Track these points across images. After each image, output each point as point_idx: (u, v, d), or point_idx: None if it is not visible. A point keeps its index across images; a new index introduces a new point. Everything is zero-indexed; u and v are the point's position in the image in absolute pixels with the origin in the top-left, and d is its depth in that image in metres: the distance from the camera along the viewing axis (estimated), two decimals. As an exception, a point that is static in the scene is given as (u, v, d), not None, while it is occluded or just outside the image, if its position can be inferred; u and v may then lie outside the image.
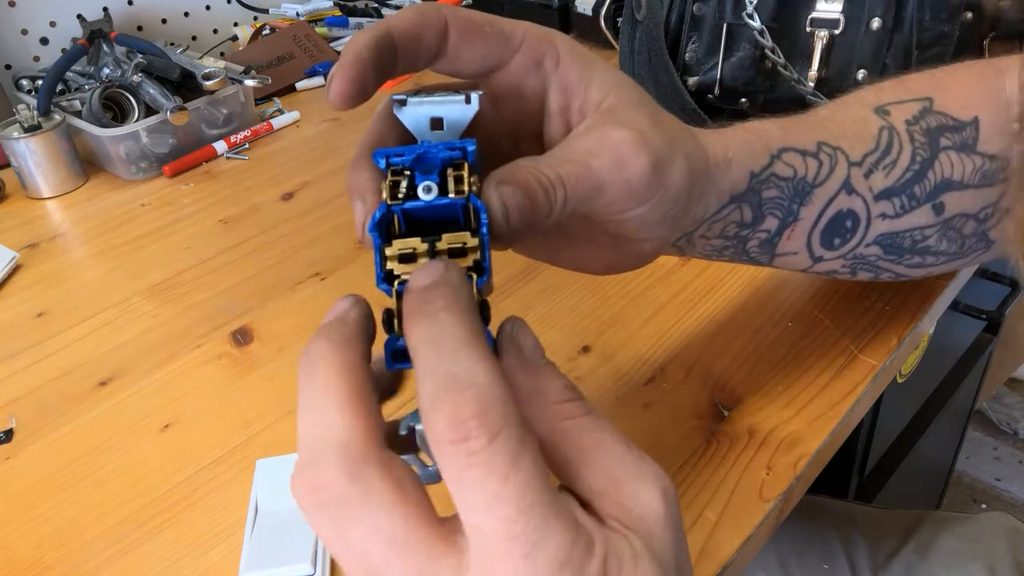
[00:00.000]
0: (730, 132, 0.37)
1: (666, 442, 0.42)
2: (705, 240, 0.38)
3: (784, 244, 0.40)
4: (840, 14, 0.62)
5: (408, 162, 0.28)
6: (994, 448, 1.62)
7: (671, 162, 0.32)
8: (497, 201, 0.28)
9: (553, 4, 1.00)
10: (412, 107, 0.31)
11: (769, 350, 0.47)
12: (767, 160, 0.37)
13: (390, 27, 0.29)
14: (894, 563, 0.65)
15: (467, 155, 0.28)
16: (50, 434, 0.47)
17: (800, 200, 0.38)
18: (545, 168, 0.30)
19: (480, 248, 0.28)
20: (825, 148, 0.38)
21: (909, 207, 0.40)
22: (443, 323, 0.23)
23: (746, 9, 0.63)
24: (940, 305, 0.51)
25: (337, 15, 1.04)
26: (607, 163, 0.31)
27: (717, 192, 0.35)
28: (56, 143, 0.73)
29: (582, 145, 0.31)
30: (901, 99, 0.41)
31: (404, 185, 0.28)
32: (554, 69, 0.32)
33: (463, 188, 0.28)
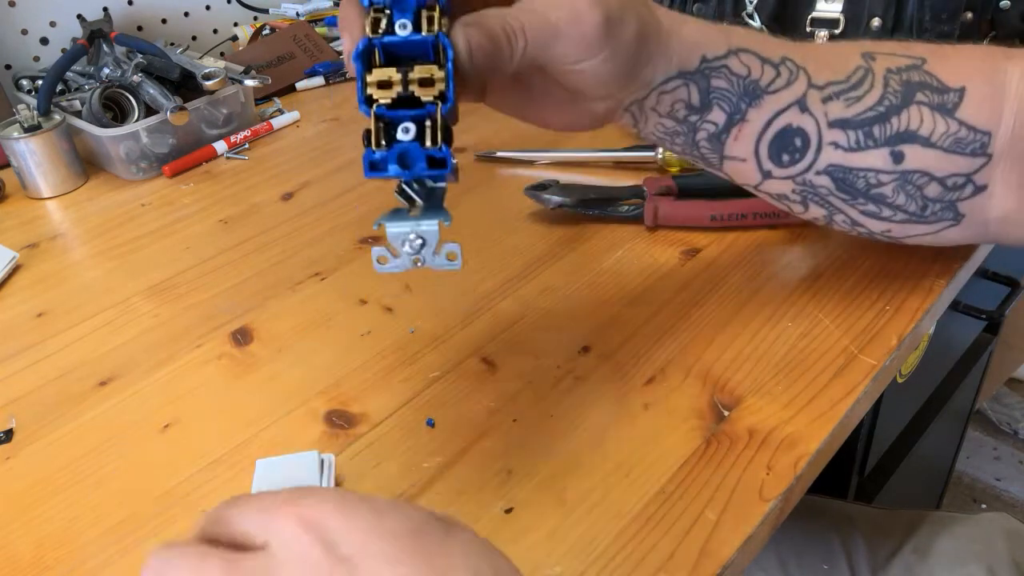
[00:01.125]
0: (692, 18, 0.41)
1: (666, 442, 0.42)
2: (657, 116, 0.41)
3: (732, 145, 0.42)
4: (840, 14, 0.62)
5: (388, 2, 0.33)
6: (994, 448, 1.62)
7: (622, 19, 0.36)
8: (463, 40, 0.33)
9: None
10: None
11: (769, 350, 0.47)
12: (724, 51, 0.40)
13: None
14: (894, 563, 0.65)
15: (440, 3, 0.33)
16: (50, 434, 0.47)
17: (749, 101, 0.40)
18: (509, 18, 0.34)
19: (445, 79, 0.33)
20: (788, 63, 0.41)
21: (865, 145, 0.41)
22: None
23: (746, 9, 0.63)
24: (940, 305, 0.51)
25: (337, 15, 1.04)
26: (564, 15, 0.35)
27: (665, 60, 0.39)
28: (56, 143, 0.73)
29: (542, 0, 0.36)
30: (895, 53, 0.42)
31: (384, 22, 0.33)
32: None
33: (434, 27, 0.33)
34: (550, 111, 0.41)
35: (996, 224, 0.43)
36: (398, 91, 0.33)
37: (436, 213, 0.36)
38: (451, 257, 0.36)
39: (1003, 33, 0.60)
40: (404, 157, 0.34)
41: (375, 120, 0.34)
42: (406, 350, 0.50)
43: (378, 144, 0.34)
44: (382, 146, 0.34)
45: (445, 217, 0.35)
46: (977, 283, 0.90)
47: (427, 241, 0.35)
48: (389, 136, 0.34)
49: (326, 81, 0.93)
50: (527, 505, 0.39)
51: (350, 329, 0.53)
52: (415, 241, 0.35)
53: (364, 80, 0.34)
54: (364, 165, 0.34)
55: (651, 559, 0.36)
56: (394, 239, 0.35)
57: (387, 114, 0.34)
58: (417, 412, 0.46)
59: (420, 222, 0.35)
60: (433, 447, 0.43)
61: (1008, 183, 0.42)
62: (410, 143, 0.34)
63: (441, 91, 0.33)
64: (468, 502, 0.40)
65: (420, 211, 0.36)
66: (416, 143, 0.34)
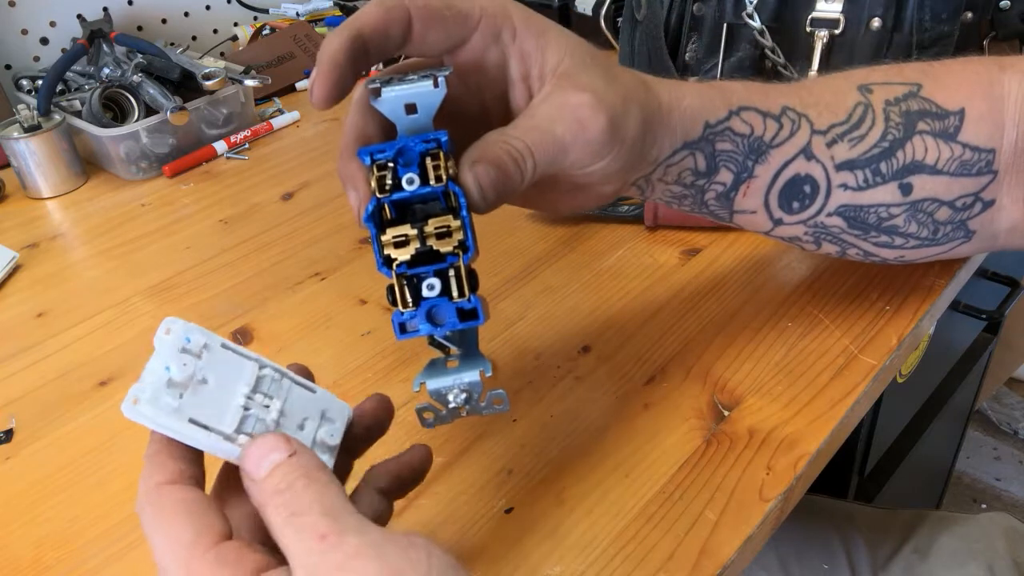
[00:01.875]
0: (690, 84, 0.40)
1: (666, 442, 0.42)
2: (664, 185, 0.40)
3: (741, 200, 0.41)
4: (840, 14, 0.62)
5: (390, 156, 0.32)
6: (994, 448, 1.62)
7: (626, 115, 0.35)
8: (473, 181, 0.31)
9: (553, 4, 1.00)
10: (386, 96, 0.33)
11: (769, 350, 0.47)
12: (725, 114, 0.39)
13: (359, 26, 0.32)
14: (894, 563, 0.65)
15: (441, 145, 0.32)
16: (50, 434, 0.47)
17: (755, 158, 0.40)
18: (512, 140, 0.33)
19: (463, 228, 0.32)
20: (789, 113, 0.40)
21: (873, 182, 0.41)
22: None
23: (746, 9, 0.63)
24: (940, 305, 0.51)
25: (337, 15, 1.05)
26: (569, 127, 0.34)
27: (670, 136, 0.38)
28: (56, 143, 0.73)
29: (544, 112, 0.34)
30: (890, 81, 0.42)
31: (389, 178, 0.32)
32: (511, 40, 0.35)
33: (441, 175, 0.31)
34: (559, 201, 0.40)
35: (1005, 235, 0.43)
36: (416, 247, 0.32)
37: (475, 361, 0.34)
38: (497, 403, 0.34)
39: (1003, 33, 0.60)
40: (433, 314, 0.33)
41: (397, 280, 0.32)
42: (406, 350, 0.50)
43: (405, 304, 0.32)
44: (409, 305, 0.32)
45: (486, 366, 0.34)
46: (977, 283, 0.90)
47: (472, 393, 0.34)
48: (414, 292, 0.33)
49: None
50: (527, 505, 0.39)
51: (350, 329, 0.53)
52: (460, 395, 0.34)
53: (380, 242, 0.32)
54: (394, 328, 0.32)
55: (651, 559, 0.36)
56: (438, 396, 0.34)
57: (409, 272, 0.32)
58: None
59: (461, 375, 0.34)
60: (433, 447, 0.43)
61: (1014, 195, 0.42)
62: (437, 299, 0.32)
63: (460, 240, 0.32)
64: (468, 502, 0.40)
65: (458, 360, 0.35)
66: (443, 297, 0.32)
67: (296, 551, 0.24)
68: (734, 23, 0.65)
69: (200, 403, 0.28)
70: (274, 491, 0.26)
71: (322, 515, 0.25)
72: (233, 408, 0.29)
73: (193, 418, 0.28)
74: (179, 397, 0.28)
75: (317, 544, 0.24)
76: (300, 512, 0.25)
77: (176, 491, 0.27)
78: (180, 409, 0.27)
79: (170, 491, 0.27)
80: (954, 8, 0.58)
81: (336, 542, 0.24)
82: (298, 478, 0.26)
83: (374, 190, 0.32)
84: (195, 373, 0.28)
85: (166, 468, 0.28)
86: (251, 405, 0.29)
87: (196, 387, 0.28)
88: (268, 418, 0.30)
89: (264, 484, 0.26)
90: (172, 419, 0.27)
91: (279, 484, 0.26)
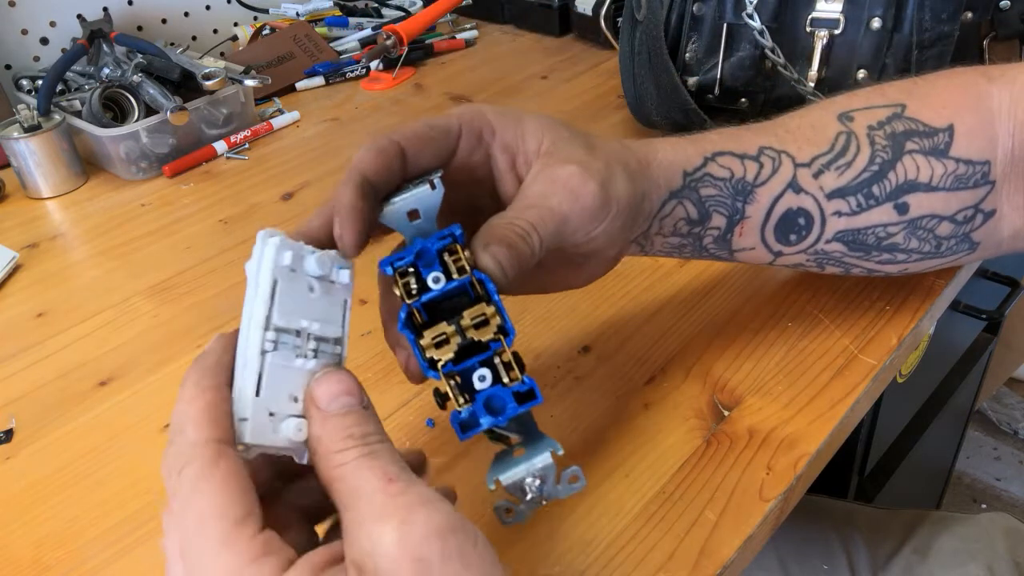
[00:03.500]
0: (662, 139, 0.41)
1: (666, 442, 0.42)
2: (662, 238, 0.42)
3: (738, 240, 0.42)
4: (840, 14, 0.62)
5: (410, 261, 0.32)
6: (994, 448, 1.62)
7: (612, 177, 0.37)
8: (492, 262, 0.32)
9: (553, 4, 1.00)
10: (389, 210, 0.34)
11: (769, 350, 0.47)
12: (700, 161, 0.40)
13: (361, 171, 0.33)
14: (894, 563, 0.65)
15: (456, 239, 0.33)
16: (50, 434, 0.47)
17: (743, 199, 0.41)
18: (515, 220, 0.34)
19: (498, 313, 0.32)
20: (767, 152, 0.41)
21: (867, 205, 0.41)
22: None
23: (746, 9, 0.63)
24: (940, 305, 0.51)
25: (337, 15, 1.04)
26: (563, 198, 0.35)
27: (656, 188, 0.39)
28: (56, 143, 0.73)
29: (536, 190, 0.36)
30: (871, 105, 0.42)
31: (414, 282, 0.32)
32: (492, 137, 0.37)
33: (463, 266, 0.32)
34: (572, 276, 0.41)
35: (1009, 241, 0.43)
36: (458, 342, 0.32)
37: (540, 443, 0.33)
38: (574, 480, 0.33)
39: (1003, 33, 0.60)
40: (491, 404, 0.32)
41: (447, 380, 0.32)
42: (406, 350, 0.50)
43: (460, 402, 0.32)
44: (465, 402, 0.32)
45: (554, 445, 0.33)
46: (977, 283, 0.90)
47: (547, 477, 0.33)
48: (466, 387, 0.32)
49: (326, 81, 0.93)
50: (527, 505, 0.39)
51: (350, 329, 0.53)
52: (535, 483, 0.33)
53: (420, 347, 0.32)
54: (455, 428, 0.32)
55: (651, 559, 0.36)
56: (514, 489, 0.33)
57: (456, 369, 0.32)
58: (417, 412, 0.46)
59: (532, 461, 0.33)
60: (433, 447, 0.43)
61: (1015, 203, 0.42)
62: (491, 388, 0.32)
63: (499, 325, 0.32)
64: (468, 502, 0.40)
65: (523, 446, 0.34)
66: (497, 385, 0.32)
67: (365, 490, 0.25)
68: (734, 23, 0.65)
69: (293, 294, 0.30)
70: (346, 430, 0.27)
71: (393, 462, 0.26)
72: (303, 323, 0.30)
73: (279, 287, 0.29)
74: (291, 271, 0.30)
75: (386, 485, 0.25)
76: (373, 455, 0.26)
77: (233, 458, 0.26)
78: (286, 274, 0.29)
79: (228, 455, 0.26)
80: (954, 8, 0.58)
81: (404, 488, 0.25)
82: (372, 429, 0.27)
83: (401, 296, 0.32)
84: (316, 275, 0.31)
85: (222, 425, 0.27)
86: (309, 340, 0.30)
87: (305, 283, 0.30)
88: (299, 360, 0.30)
89: (335, 421, 0.27)
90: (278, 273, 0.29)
91: (352, 427, 0.27)
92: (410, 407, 0.46)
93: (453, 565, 0.24)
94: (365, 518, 0.25)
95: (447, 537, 0.24)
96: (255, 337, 0.29)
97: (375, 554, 0.24)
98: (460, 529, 0.25)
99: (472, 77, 0.93)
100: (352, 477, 0.26)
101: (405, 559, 0.23)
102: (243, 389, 0.28)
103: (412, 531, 0.24)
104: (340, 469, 0.26)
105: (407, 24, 0.94)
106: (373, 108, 0.87)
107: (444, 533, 0.24)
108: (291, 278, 0.30)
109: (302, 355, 0.29)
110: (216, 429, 0.27)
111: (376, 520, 0.24)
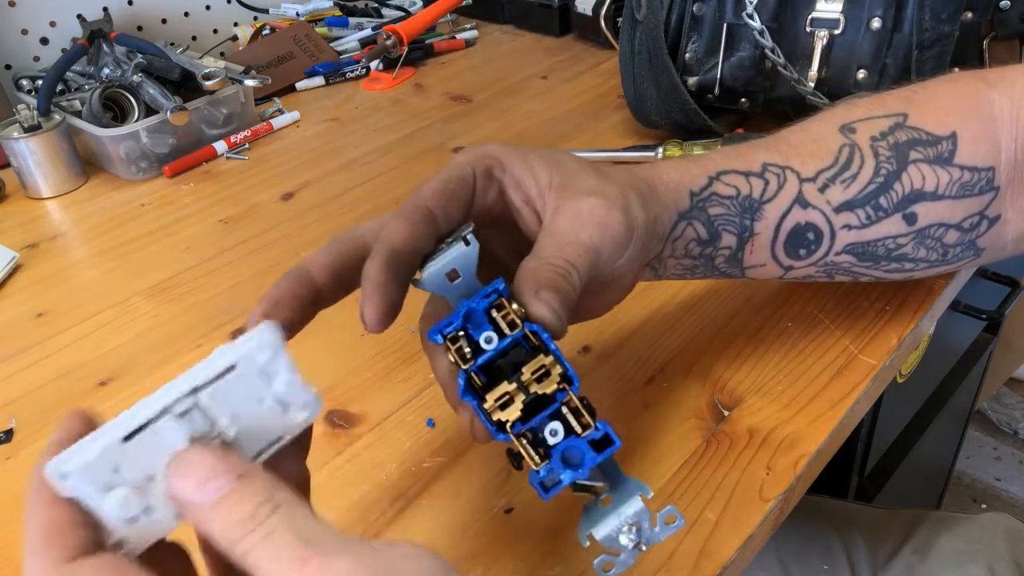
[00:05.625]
0: (666, 161, 0.41)
1: (666, 442, 0.42)
2: (674, 260, 0.41)
3: (749, 258, 0.42)
4: (840, 14, 0.62)
5: (459, 325, 0.32)
6: (994, 448, 1.62)
7: (630, 203, 0.36)
8: (547, 311, 0.31)
9: (553, 4, 1.00)
10: (427, 275, 0.33)
11: (769, 350, 0.47)
12: (705, 181, 0.40)
13: (391, 243, 0.32)
14: (894, 563, 0.65)
15: (502, 293, 0.32)
16: (50, 434, 0.47)
17: (751, 216, 0.41)
18: (553, 260, 0.33)
19: (557, 362, 0.31)
20: (771, 168, 0.41)
21: (876, 217, 0.41)
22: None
23: (746, 9, 0.63)
24: (940, 305, 0.51)
25: (337, 15, 1.04)
26: (594, 231, 0.35)
27: (665, 210, 0.39)
28: (56, 143, 0.73)
29: (564, 226, 0.35)
30: (873, 115, 0.42)
31: (466, 345, 0.31)
32: (503, 172, 0.37)
33: (514, 320, 0.31)
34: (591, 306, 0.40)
35: (1013, 245, 0.43)
36: (522, 399, 0.31)
37: (627, 487, 0.32)
38: (670, 520, 0.31)
39: (1003, 33, 0.60)
40: (568, 457, 0.31)
41: (518, 441, 0.31)
42: (406, 350, 0.50)
43: (536, 461, 0.31)
44: (541, 460, 0.31)
45: (643, 488, 0.32)
46: (977, 283, 0.90)
47: (641, 523, 0.31)
48: (539, 445, 0.31)
49: (326, 81, 0.93)
50: (527, 505, 0.39)
51: (350, 329, 0.53)
52: (631, 531, 0.31)
53: (485, 412, 0.31)
54: (536, 488, 0.31)
55: (651, 559, 0.36)
56: (609, 543, 0.31)
57: (526, 427, 0.31)
58: (417, 412, 0.46)
59: (622, 509, 0.31)
60: (433, 447, 0.43)
61: (1018, 206, 0.42)
62: (565, 440, 0.31)
63: (561, 374, 0.31)
64: (468, 502, 0.40)
65: (609, 493, 0.32)
66: (570, 436, 0.31)
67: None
68: (734, 23, 0.65)
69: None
70: (232, 519, 0.23)
71: (297, 538, 0.22)
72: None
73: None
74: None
75: (300, 568, 0.22)
76: (275, 534, 0.22)
77: (89, 566, 0.23)
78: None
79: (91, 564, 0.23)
80: (954, 8, 0.58)
81: (322, 565, 0.22)
82: (261, 503, 0.23)
83: (456, 363, 0.31)
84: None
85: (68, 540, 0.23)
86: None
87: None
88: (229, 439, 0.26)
89: (218, 511, 0.23)
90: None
91: (235, 511, 0.23)
92: (410, 407, 0.46)
93: None
94: None
95: None
96: (169, 392, 0.25)
97: None
98: (381, 559, 0.22)
99: (472, 77, 0.93)
100: (265, 568, 0.22)
101: None
102: (108, 430, 0.24)
103: None
104: (248, 561, 0.23)
105: (407, 24, 0.94)
106: (373, 108, 0.87)
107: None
108: (250, 377, 0.26)
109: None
110: (60, 548, 0.23)
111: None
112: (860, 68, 0.63)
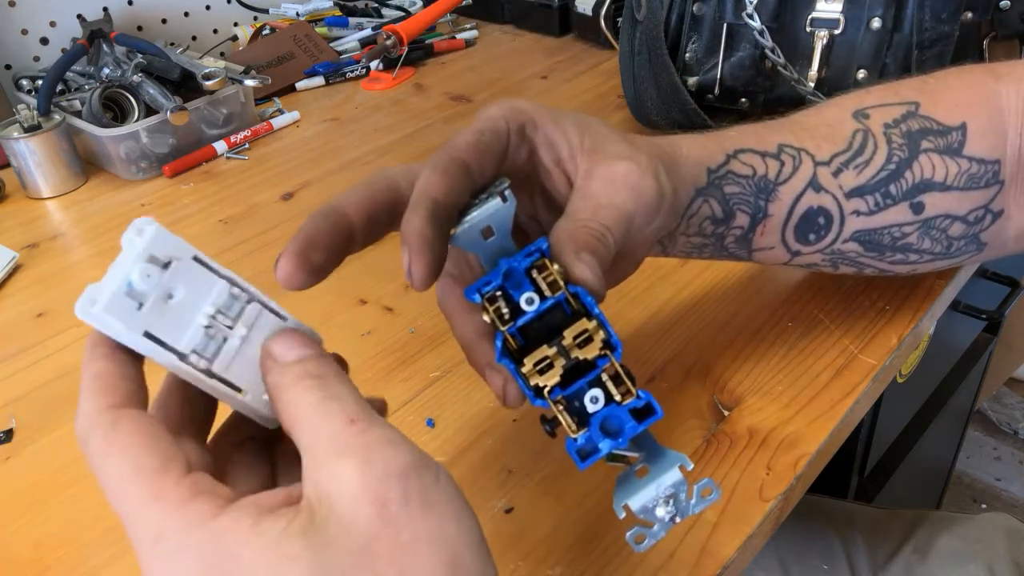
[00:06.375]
0: (684, 136, 0.40)
1: (666, 442, 0.42)
2: (686, 238, 0.41)
3: (759, 240, 0.42)
4: (840, 14, 0.62)
5: (499, 284, 0.30)
6: (994, 448, 1.62)
7: (659, 171, 0.36)
8: (590, 273, 0.30)
9: (553, 4, 1.00)
10: (461, 231, 0.31)
11: (769, 350, 0.47)
12: (723, 158, 0.40)
13: (431, 195, 0.31)
14: (894, 563, 0.65)
15: (544, 253, 0.30)
16: (50, 434, 0.47)
17: (766, 197, 0.40)
18: (590, 223, 0.32)
19: (601, 326, 0.30)
20: (787, 149, 0.41)
21: (884, 204, 0.41)
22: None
23: (746, 9, 0.63)
24: (940, 305, 0.51)
25: (337, 15, 1.04)
26: (628, 196, 0.34)
27: (684, 185, 0.38)
28: (56, 143, 0.73)
29: (598, 188, 0.34)
30: (886, 103, 0.42)
31: (504, 306, 0.30)
32: (535, 131, 0.35)
33: (556, 281, 0.30)
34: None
35: (1014, 242, 0.43)
36: (563, 364, 0.29)
37: (665, 458, 0.31)
38: (707, 493, 0.30)
39: (1003, 33, 0.60)
40: (607, 426, 0.30)
41: (556, 406, 0.30)
42: (406, 350, 0.50)
43: (575, 428, 0.29)
44: (579, 428, 0.30)
45: (682, 459, 0.30)
46: (977, 283, 0.90)
47: (678, 494, 0.30)
48: (578, 411, 0.30)
49: (326, 81, 0.93)
50: (527, 505, 0.39)
51: (350, 329, 0.53)
52: (667, 503, 0.30)
53: (523, 375, 0.30)
54: (573, 458, 0.30)
55: (651, 559, 0.36)
56: (645, 513, 0.30)
57: (565, 393, 0.30)
58: (417, 412, 0.46)
59: (660, 479, 0.30)
60: (433, 447, 0.43)
61: (1021, 203, 0.42)
62: (605, 408, 0.30)
63: (604, 339, 0.29)
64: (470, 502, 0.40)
65: (645, 463, 0.31)
66: (611, 404, 0.30)
67: (326, 431, 0.25)
68: (734, 23, 0.65)
69: (161, 317, 0.26)
70: (305, 374, 0.26)
71: (355, 403, 0.26)
72: (194, 327, 0.27)
73: (149, 331, 0.26)
74: (139, 307, 0.26)
75: (348, 426, 0.25)
76: (335, 397, 0.26)
77: (133, 415, 0.26)
78: (138, 320, 0.26)
79: (127, 415, 0.26)
80: (954, 8, 0.58)
81: (366, 427, 0.25)
82: (331, 372, 0.27)
83: (494, 324, 0.30)
84: (160, 285, 0.26)
85: (116, 390, 0.26)
86: (214, 325, 0.28)
87: (159, 299, 0.26)
88: (230, 343, 0.28)
89: (293, 368, 0.27)
90: (127, 329, 0.26)
91: (312, 370, 0.27)
92: (410, 407, 0.46)
93: (413, 506, 0.23)
94: (325, 457, 0.24)
95: (409, 477, 0.23)
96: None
97: (333, 494, 0.23)
98: (422, 467, 0.24)
99: (472, 77, 0.93)
100: (312, 418, 0.25)
101: (365, 500, 0.23)
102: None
103: (373, 470, 0.23)
104: (300, 411, 0.26)
105: (407, 24, 0.94)
106: (373, 108, 0.87)
107: (406, 473, 0.23)
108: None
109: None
110: (109, 396, 0.26)
111: (336, 458, 0.24)
112: (860, 68, 0.63)
